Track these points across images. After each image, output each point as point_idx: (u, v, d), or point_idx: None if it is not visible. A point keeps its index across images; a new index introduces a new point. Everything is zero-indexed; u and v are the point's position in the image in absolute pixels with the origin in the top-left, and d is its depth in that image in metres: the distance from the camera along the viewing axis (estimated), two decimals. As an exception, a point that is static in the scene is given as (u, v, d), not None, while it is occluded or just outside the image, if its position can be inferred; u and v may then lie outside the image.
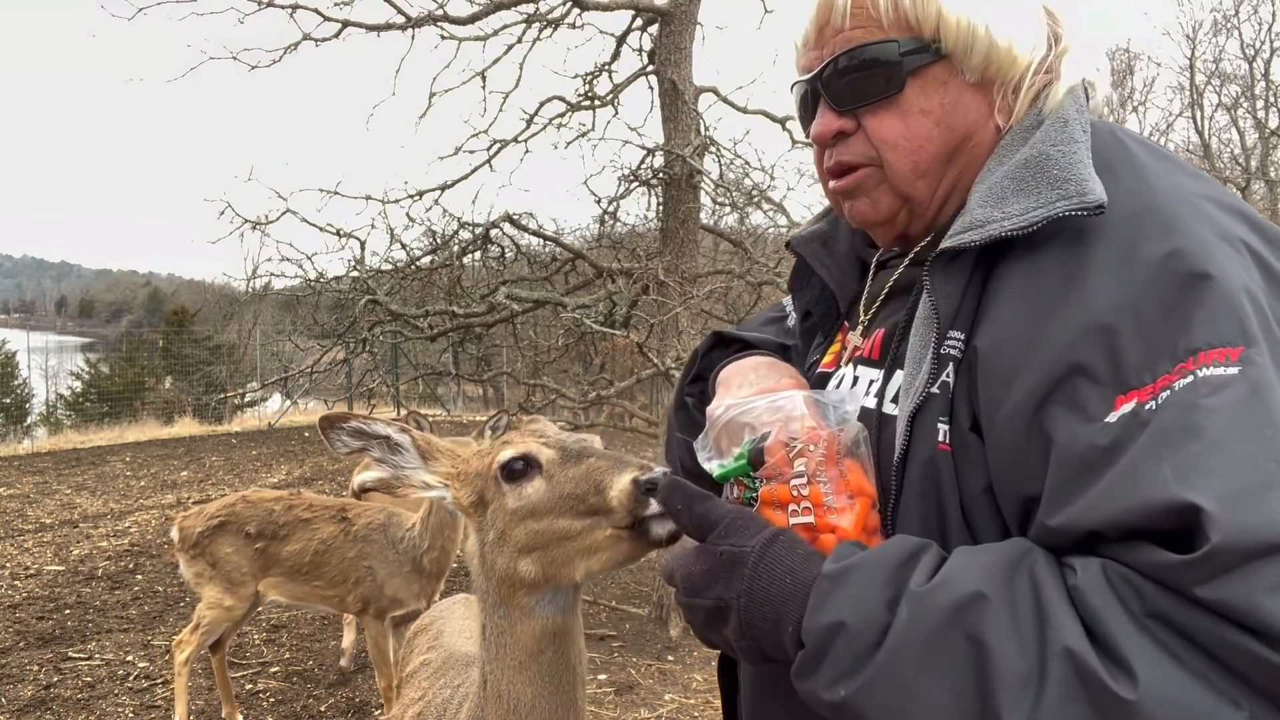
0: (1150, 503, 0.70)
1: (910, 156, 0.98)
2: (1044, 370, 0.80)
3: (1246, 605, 0.65)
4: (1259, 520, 0.66)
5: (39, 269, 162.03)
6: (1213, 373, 0.73)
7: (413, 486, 1.33)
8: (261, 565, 4.24)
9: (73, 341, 48.16)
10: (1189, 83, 23.67)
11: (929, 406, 0.90)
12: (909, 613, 0.76)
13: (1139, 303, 0.78)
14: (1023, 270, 0.87)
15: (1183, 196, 0.85)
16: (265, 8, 6.23)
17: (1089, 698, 0.68)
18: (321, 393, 15.36)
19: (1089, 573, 0.73)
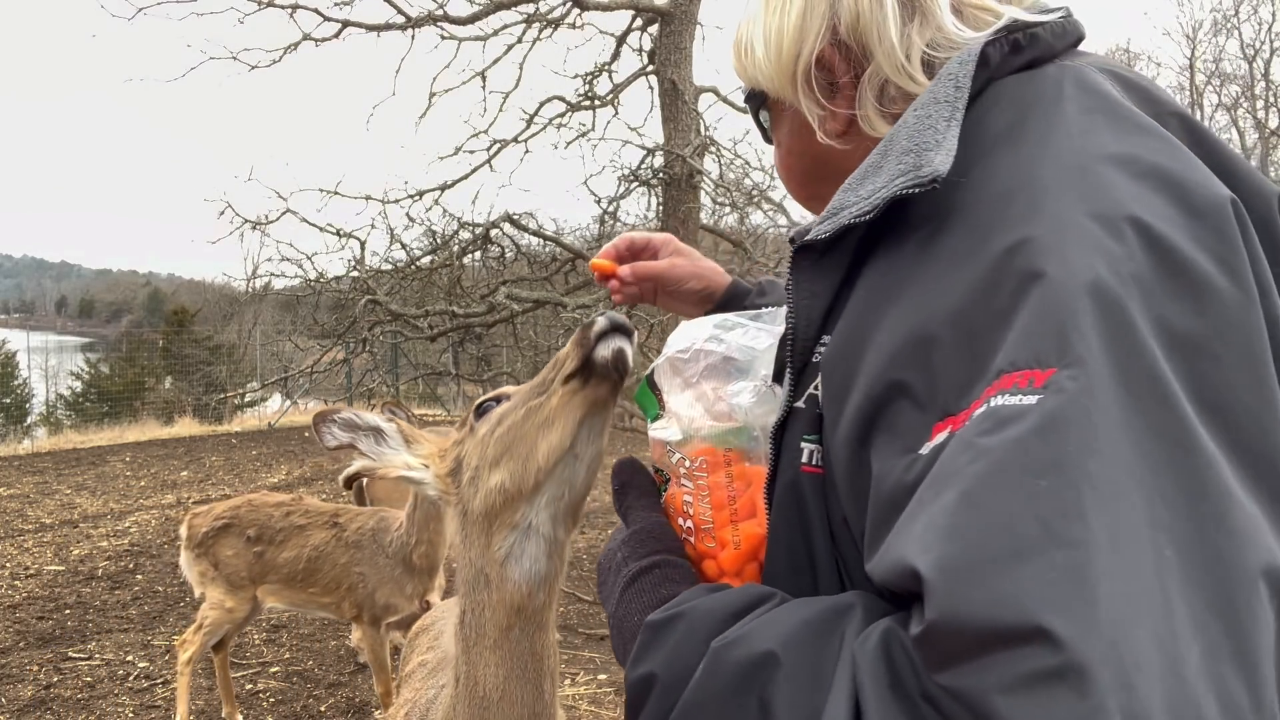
0: (894, 563, 0.58)
1: (788, 184, 1.02)
2: (867, 387, 0.68)
3: (981, 705, 0.50)
4: (988, 597, 0.51)
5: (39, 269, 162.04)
6: (1005, 402, 0.57)
7: (394, 468, 1.35)
8: (260, 570, 4.25)
9: (73, 341, 48.16)
10: (1189, 83, 23.69)
11: (793, 423, 0.79)
12: (704, 668, 0.67)
13: (969, 306, 0.63)
14: (878, 267, 0.75)
15: (1079, 162, 0.66)
16: (265, 8, 6.24)
17: None
18: (321, 393, 15.37)
19: (868, 643, 0.60)
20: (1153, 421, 0.56)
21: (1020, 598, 0.50)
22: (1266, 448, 0.58)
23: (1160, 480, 0.54)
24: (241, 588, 4.25)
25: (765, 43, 0.90)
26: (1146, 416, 0.56)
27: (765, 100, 0.96)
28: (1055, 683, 0.48)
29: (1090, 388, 0.56)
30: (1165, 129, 0.70)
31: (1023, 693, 0.49)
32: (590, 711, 4.55)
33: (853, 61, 0.85)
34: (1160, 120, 0.71)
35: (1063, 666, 0.48)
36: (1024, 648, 0.49)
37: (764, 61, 0.90)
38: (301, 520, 4.31)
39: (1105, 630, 0.49)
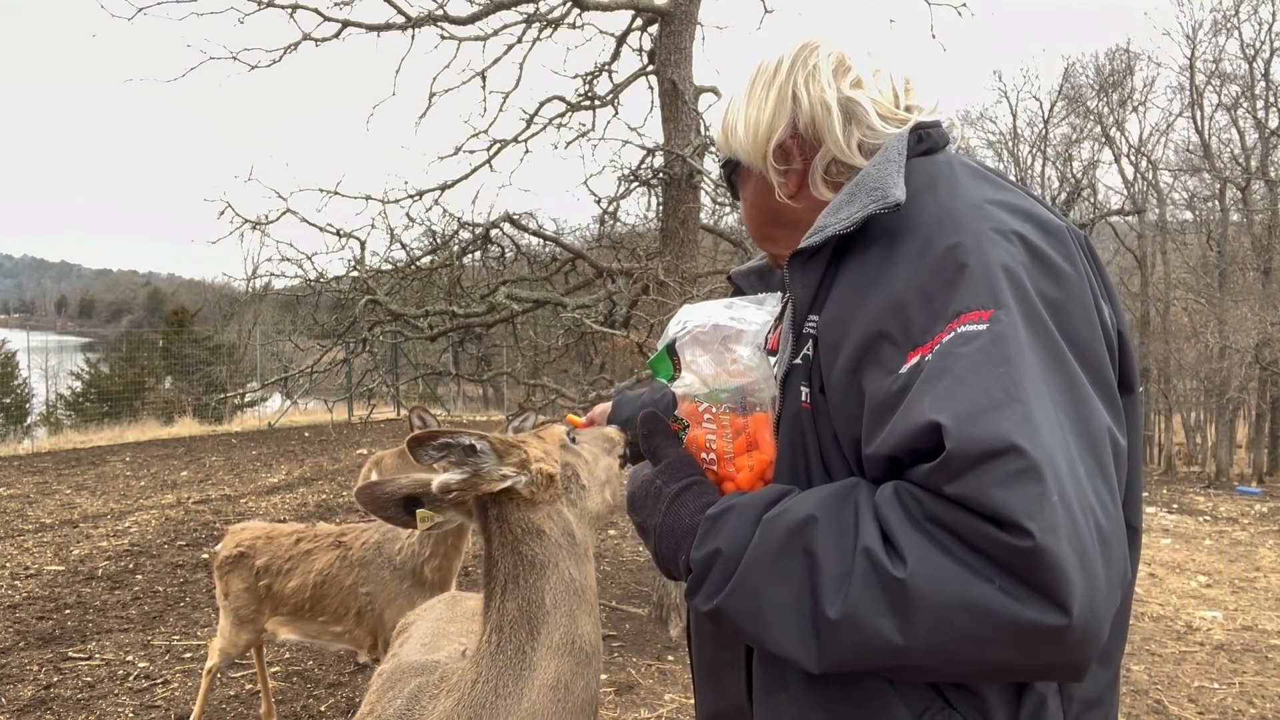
0: (913, 426, 0.92)
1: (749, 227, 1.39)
2: (859, 338, 1.04)
3: (981, 497, 0.86)
4: (984, 432, 0.87)
5: (39, 269, 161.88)
6: (967, 329, 0.95)
7: (493, 481, 1.53)
8: (270, 603, 4.00)
9: (73, 341, 48.11)
10: (1189, 83, 23.65)
11: (794, 375, 1.16)
12: (759, 536, 1.00)
13: (925, 283, 1.01)
14: (855, 263, 1.11)
15: (977, 203, 1.07)
16: (265, 8, 6.23)
17: (879, 581, 0.90)
18: (321, 393, 15.36)
19: (884, 492, 0.96)
20: (1044, 344, 0.96)
21: (1000, 430, 0.87)
22: (1099, 364, 1.01)
23: (1052, 376, 0.94)
24: (249, 621, 4.03)
25: (745, 128, 1.29)
26: (1041, 341, 0.96)
27: (738, 168, 1.35)
28: (1025, 477, 0.85)
29: (1014, 320, 0.95)
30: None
31: (1006, 485, 0.85)
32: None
33: (805, 147, 1.26)
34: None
35: (1028, 467, 0.85)
36: (1006, 458, 0.86)
37: (743, 141, 1.29)
38: (309, 546, 4.03)
39: (1045, 448, 0.87)
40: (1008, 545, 0.84)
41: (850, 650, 0.92)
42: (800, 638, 0.95)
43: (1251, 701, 5.15)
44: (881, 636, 0.89)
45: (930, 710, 1.01)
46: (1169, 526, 11.39)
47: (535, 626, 1.48)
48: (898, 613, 0.88)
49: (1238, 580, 8.27)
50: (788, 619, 0.96)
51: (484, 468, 1.51)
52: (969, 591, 0.86)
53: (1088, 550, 0.85)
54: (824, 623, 0.93)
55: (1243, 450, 22.99)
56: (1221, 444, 19.98)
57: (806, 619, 0.95)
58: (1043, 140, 26.11)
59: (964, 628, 0.86)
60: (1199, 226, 24.58)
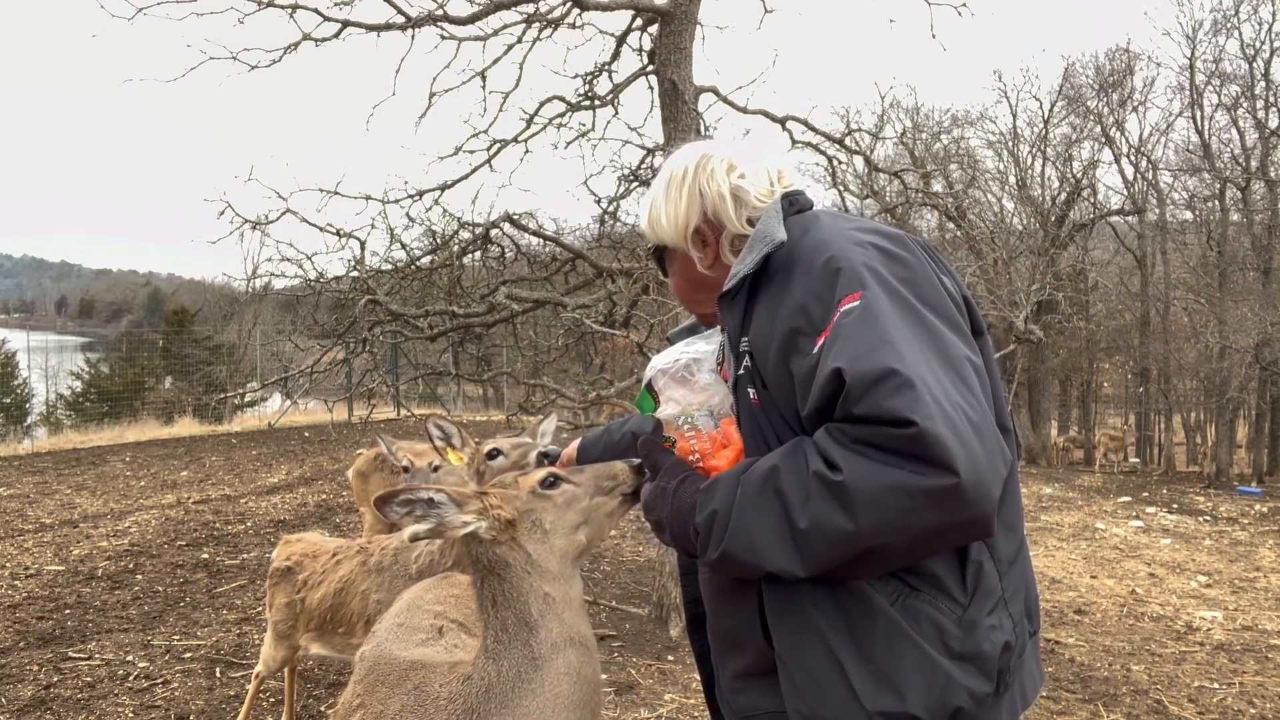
0: (823, 377, 1.29)
1: (679, 295, 1.84)
2: (780, 339, 1.42)
3: (877, 411, 1.22)
4: (869, 365, 1.24)
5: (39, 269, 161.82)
6: (847, 307, 1.33)
7: (455, 527, 1.74)
8: (303, 620, 3.90)
9: (73, 341, 48.09)
10: (1189, 83, 23.65)
11: (741, 382, 1.54)
12: (740, 490, 1.39)
13: (815, 288, 1.40)
14: (764, 293, 1.51)
15: (837, 232, 1.48)
16: (265, 8, 6.22)
17: (827, 489, 1.26)
18: (321, 393, 15.36)
19: (820, 433, 1.32)
20: (902, 306, 1.35)
21: (880, 361, 1.24)
22: (949, 314, 1.42)
23: (913, 326, 1.33)
24: (285, 638, 3.94)
25: (668, 220, 1.70)
26: (899, 304, 1.34)
27: (664, 252, 1.78)
28: (904, 388, 1.22)
29: (877, 294, 1.34)
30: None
31: (892, 396, 1.21)
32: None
33: (713, 228, 1.68)
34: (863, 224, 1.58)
35: (904, 381, 1.22)
36: (887, 379, 1.22)
37: (668, 230, 1.71)
38: (340, 556, 3.91)
39: (914, 368, 1.24)
40: (903, 436, 1.20)
41: (822, 547, 1.28)
42: (785, 552, 1.31)
43: (1251, 701, 5.15)
44: (839, 528, 1.25)
45: (900, 595, 1.36)
46: (1169, 526, 11.39)
47: (534, 629, 1.72)
48: (845, 507, 1.24)
49: (1238, 580, 8.27)
50: (773, 541, 1.32)
51: (445, 517, 1.74)
52: (889, 477, 1.21)
53: (961, 431, 1.21)
54: (799, 534, 1.29)
55: (1243, 450, 22.99)
56: (1221, 444, 19.98)
57: (786, 537, 1.31)
58: (1043, 140, 26.11)
59: (892, 504, 1.22)
60: (1199, 226, 24.59)
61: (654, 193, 1.74)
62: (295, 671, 4.33)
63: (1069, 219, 25.43)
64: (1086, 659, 5.84)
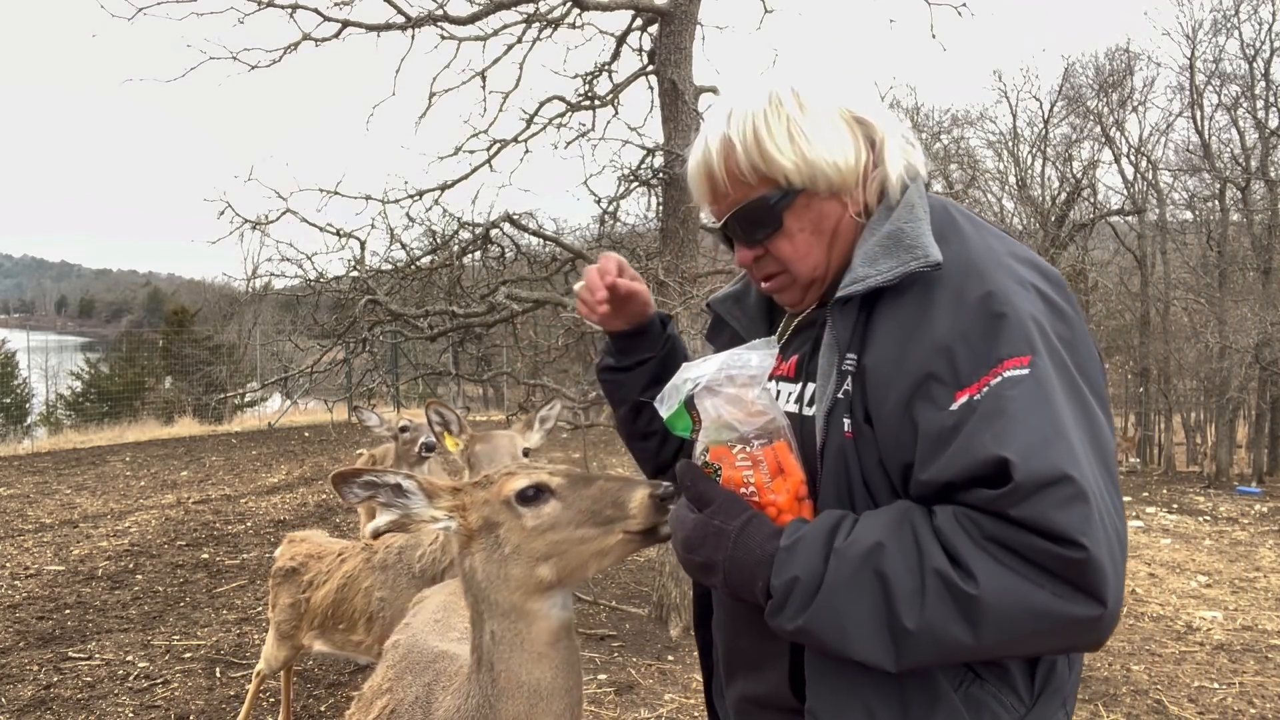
0: (978, 458, 1.09)
1: (804, 260, 1.38)
2: (910, 378, 1.19)
3: (1041, 519, 1.05)
4: (1043, 465, 1.06)
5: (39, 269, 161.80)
6: (1012, 374, 1.13)
7: (423, 522, 1.52)
8: (306, 619, 3.92)
9: (73, 341, 48.09)
10: (1189, 83, 23.64)
11: (837, 408, 1.27)
12: (834, 563, 1.15)
13: (966, 330, 1.17)
14: (891, 310, 1.26)
15: (991, 254, 1.25)
16: (265, 8, 6.22)
17: (951, 597, 1.07)
18: (321, 393, 15.35)
19: (944, 516, 1.13)
20: (1066, 380, 1.16)
21: (1055, 462, 1.06)
22: (1100, 386, 1.22)
23: (1074, 406, 1.14)
24: (288, 638, 3.96)
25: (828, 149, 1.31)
26: (1064, 378, 1.15)
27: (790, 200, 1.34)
28: (1077, 501, 1.05)
29: (1045, 364, 1.14)
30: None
31: (1063, 508, 1.04)
32: (590, 711, 4.55)
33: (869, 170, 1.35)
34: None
35: (1078, 492, 1.05)
36: (1060, 486, 1.05)
37: (836, 171, 1.32)
38: (347, 554, 3.92)
39: (1087, 475, 1.07)
40: (1063, 557, 1.04)
41: (926, 652, 1.11)
42: (878, 645, 1.12)
43: (1251, 701, 5.15)
44: (954, 640, 1.09)
45: (965, 683, 1.22)
46: (1169, 526, 11.40)
47: (492, 662, 1.51)
48: (970, 620, 1.07)
49: (1238, 580, 8.27)
50: (867, 631, 1.12)
51: (413, 509, 1.52)
52: (1031, 599, 1.05)
53: (1115, 553, 1.07)
54: (901, 632, 1.10)
55: (1243, 450, 22.98)
56: (1221, 444, 19.98)
57: (883, 630, 1.12)
58: (1043, 140, 26.10)
59: (1026, 627, 1.07)
60: (1199, 226, 24.58)
61: (788, 112, 1.32)
62: (291, 671, 4.33)
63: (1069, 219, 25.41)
64: (1086, 659, 5.84)
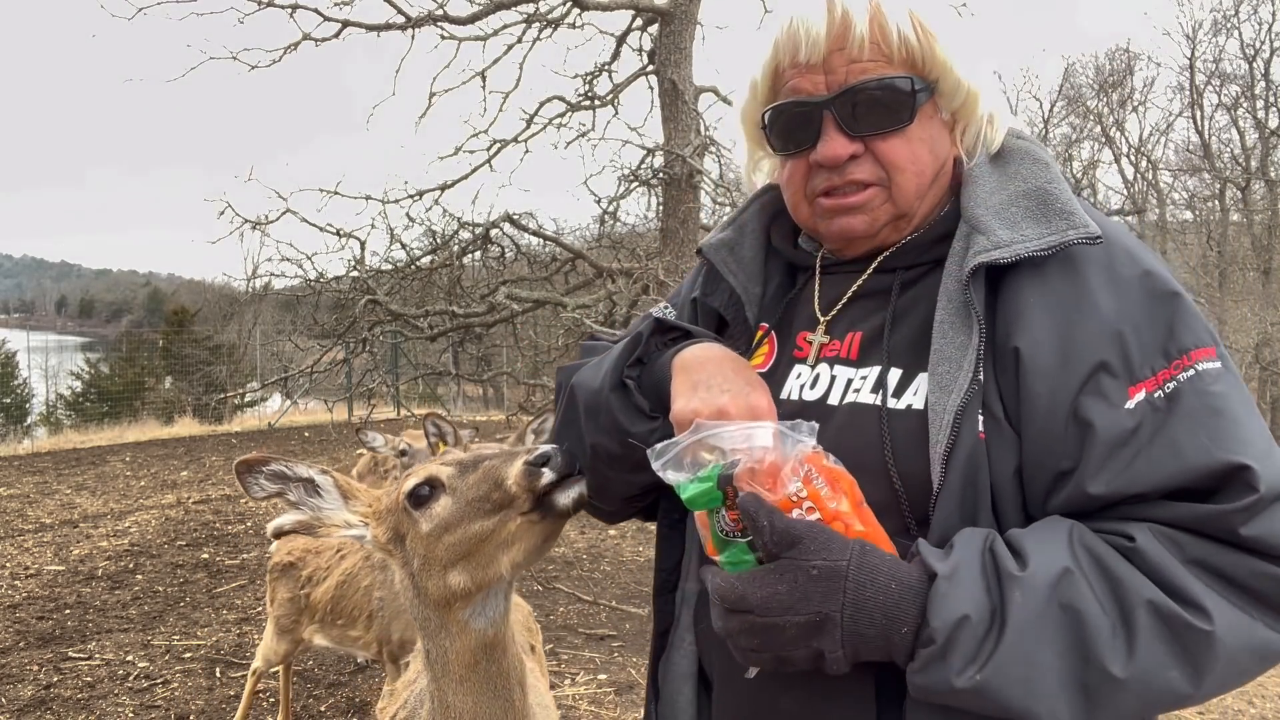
0: (1196, 466, 0.91)
1: (915, 179, 1.10)
2: (1078, 368, 0.97)
3: (1276, 539, 0.88)
4: (1277, 471, 0.90)
5: (39, 269, 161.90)
6: (1208, 367, 0.96)
7: (334, 526, 1.35)
8: (307, 614, 3.95)
9: (73, 341, 48.09)
10: (1189, 83, 23.66)
11: (970, 401, 1.00)
12: (1021, 594, 0.89)
13: (1134, 314, 0.98)
14: (1037, 286, 1.01)
15: (1123, 233, 1.06)
16: (265, 8, 6.23)
17: (1174, 636, 0.87)
18: (321, 393, 15.36)
19: (1145, 536, 0.91)
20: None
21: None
22: None
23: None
24: (288, 632, 3.97)
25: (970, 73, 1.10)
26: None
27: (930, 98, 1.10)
28: None
29: (1229, 358, 0.99)
30: None
31: None
32: (590, 711, 4.55)
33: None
34: None
35: None
36: None
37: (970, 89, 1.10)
38: (346, 549, 3.94)
39: None
40: None
41: (1126, 706, 0.89)
42: (1067, 701, 0.88)
43: (1251, 702, 5.15)
44: (1169, 689, 0.88)
45: None
46: (1169, 526, 11.38)
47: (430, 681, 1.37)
48: (1193, 663, 0.88)
49: (1238, 580, 8.28)
50: (1054, 683, 0.88)
51: (324, 510, 1.34)
52: (1255, 635, 0.89)
53: None
54: (1103, 682, 0.87)
55: (1243, 450, 22.98)
56: (1221, 444, 19.99)
57: (1073, 680, 0.88)
58: (1043, 140, 26.10)
59: (1247, 668, 0.90)
60: (1199, 226, 24.59)
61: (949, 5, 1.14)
62: (290, 670, 4.33)
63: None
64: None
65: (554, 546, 1.33)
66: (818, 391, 1.13)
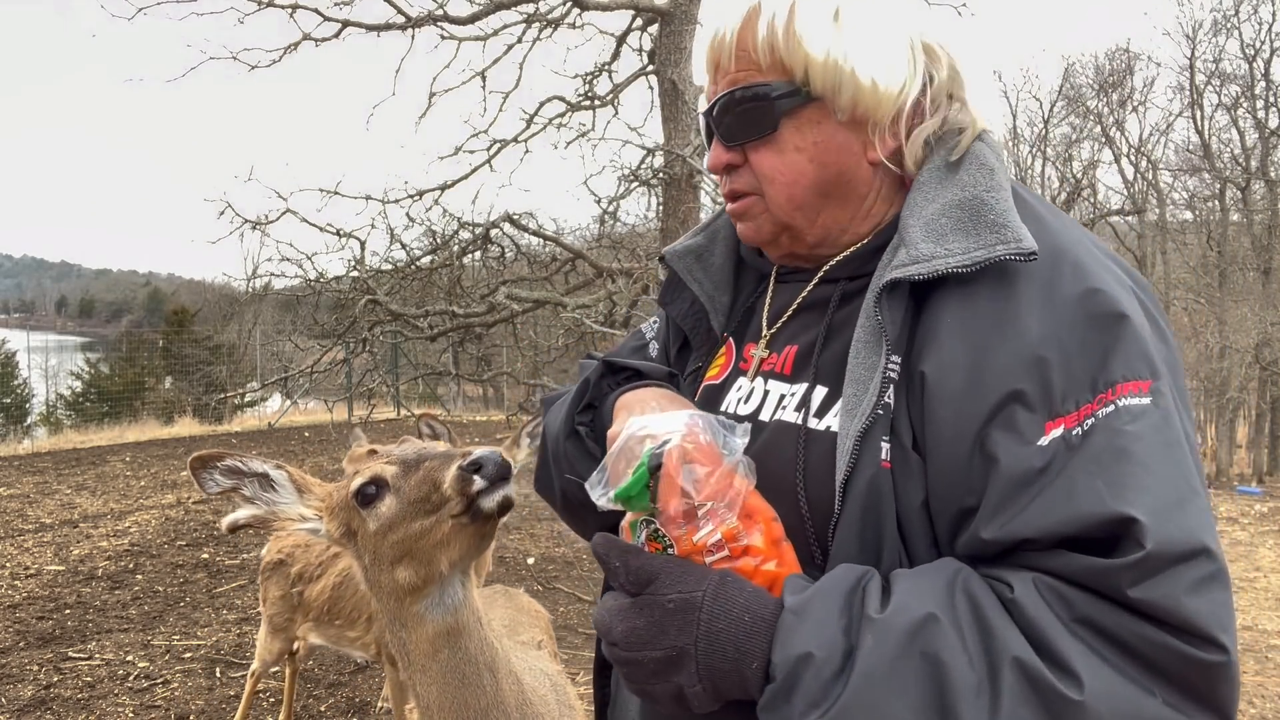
0: (1086, 515, 0.80)
1: (785, 190, 1.04)
2: (987, 396, 0.87)
3: (1171, 604, 0.76)
4: (1179, 531, 0.78)
5: (39, 269, 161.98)
6: (1130, 403, 0.84)
7: (289, 520, 1.35)
8: (301, 612, 3.94)
9: (73, 341, 48.10)
10: (1189, 83, 23.66)
11: (874, 426, 0.93)
12: (874, 638, 0.81)
13: (1064, 337, 0.87)
14: (959, 304, 0.93)
15: (1081, 244, 0.95)
16: (265, 8, 6.23)
17: (1040, 701, 0.75)
18: (321, 393, 15.36)
19: (1024, 587, 0.81)
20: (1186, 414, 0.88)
21: (1193, 529, 0.78)
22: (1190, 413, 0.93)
23: (1195, 457, 0.86)
24: (282, 630, 3.97)
25: (869, 69, 0.99)
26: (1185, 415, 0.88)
27: (804, 103, 1.02)
28: (1215, 581, 0.78)
29: (1170, 396, 0.86)
30: None
31: (1199, 591, 0.76)
32: (590, 712, 4.54)
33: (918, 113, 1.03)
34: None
35: (1218, 570, 0.78)
36: (1197, 561, 0.77)
37: (870, 89, 0.99)
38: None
39: (1220, 547, 0.80)
40: (1194, 660, 0.75)
41: None
42: None
43: (1251, 702, 5.15)
44: None
45: None
46: (1169, 526, 11.39)
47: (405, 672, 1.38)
48: None
49: (1238, 580, 8.27)
50: None
51: (279, 505, 1.34)
52: (1137, 708, 0.75)
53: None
54: None
55: (1243, 450, 22.99)
56: (1221, 444, 19.99)
57: None
58: (1043, 140, 26.11)
59: None
60: (1199, 226, 24.60)
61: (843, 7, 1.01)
62: (296, 672, 4.34)
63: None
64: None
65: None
66: (751, 406, 1.09)
